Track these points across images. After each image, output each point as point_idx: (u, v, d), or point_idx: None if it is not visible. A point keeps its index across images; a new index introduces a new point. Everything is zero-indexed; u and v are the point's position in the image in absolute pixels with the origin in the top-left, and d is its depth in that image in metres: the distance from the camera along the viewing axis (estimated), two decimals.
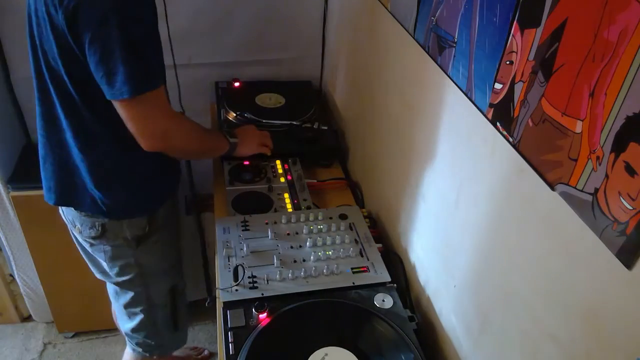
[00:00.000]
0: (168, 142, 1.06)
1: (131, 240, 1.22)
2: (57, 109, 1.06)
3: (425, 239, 1.09)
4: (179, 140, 1.09)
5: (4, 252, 1.90)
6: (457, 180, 0.92)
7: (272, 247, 1.17)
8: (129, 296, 1.32)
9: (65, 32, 0.92)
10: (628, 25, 0.50)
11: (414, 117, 1.10)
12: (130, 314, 1.36)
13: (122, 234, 1.21)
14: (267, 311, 0.99)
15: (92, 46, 0.92)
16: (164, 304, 1.36)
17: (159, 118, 1.02)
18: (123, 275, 1.28)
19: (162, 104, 1.02)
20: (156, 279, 1.32)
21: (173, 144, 1.07)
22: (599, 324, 0.59)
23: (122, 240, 1.22)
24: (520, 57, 0.69)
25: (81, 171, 1.13)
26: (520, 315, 0.74)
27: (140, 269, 1.27)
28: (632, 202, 0.52)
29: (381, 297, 1.05)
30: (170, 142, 1.06)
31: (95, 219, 1.18)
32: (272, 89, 1.81)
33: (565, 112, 0.61)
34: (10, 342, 2.04)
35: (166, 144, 1.06)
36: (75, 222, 1.22)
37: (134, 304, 1.33)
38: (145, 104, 0.99)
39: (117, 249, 1.23)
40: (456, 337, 0.97)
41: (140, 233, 1.22)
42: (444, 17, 0.91)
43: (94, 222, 1.19)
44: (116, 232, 1.20)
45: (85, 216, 1.19)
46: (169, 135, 1.04)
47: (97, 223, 1.19)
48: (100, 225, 1.19)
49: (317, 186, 1.47)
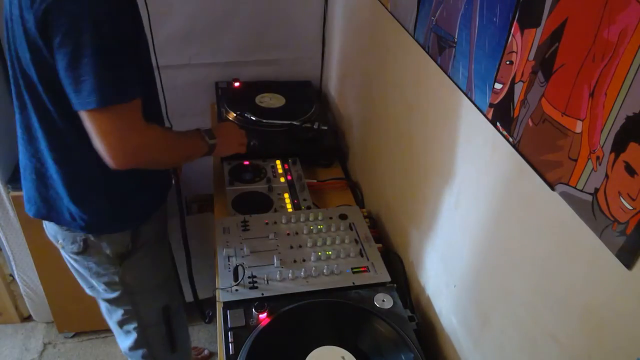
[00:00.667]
0: (138, 159, 0.96)
1: (113, 258, 1.16)
2: (33, 118, 1.01)
3: (425, 239, 1.09)
4: (151, 155, 1.00)
5: (4, 252, 1.90)
6: (457, 180, 0.92)
7: (272, 247, 1.17)
8: (120, 313, 1.28)
9: (37, 36, 0.87)
10: (628, 25, 0.50)
11: (413, 117, 1.10)
12: (125, 332, 1.32)
13: (103, 250, 1.15)
14: (267, 311, 0.99)
15: (60, 51, 0.86)
16: (156, 323, 1.32)
17: (128, 134, 0.92)
18: (110, 293, 1.23)
19: (134, 118, 0.93)
20: (145, 298, 1.27)
21: (144, 159, 0.99)
22: (599, 323, 0.59)
23: (104, 257, 1.16)
24: (520, 57, 0.69)
25: (57, 183, 1.07)
26: (520, 315, 0.74)
27: (127, 287, 1.22)
28: (632, 202, 0.52)
29: (381, 297, 1.05)
30: (141, 158, 0.97)
31: (76, 233, 1.13)
32: (272, 89, 1.81)
33: (565, 112, 0.61)
34: (10, 342, 2.04)
35: (136, 161, 0.96)
36: (58, 237, 1.17)
37: (126, 321, 1.29)
38: (113, 118, 0.90)
39: (101, 265, 1.18)
40: (456, 337, 0.97)
41: (123, 250, 1.16)
42: (444, 17, 0.91)
43: (75, 237, 1.13)
44: (97, 248, 1.15)
45: (67, 231, 1.13)
46: (139, 152, 0.95)
47: (78, 238, 1.13)
48: (82, 240, 1.13)
49: (317, 186, 1.47)
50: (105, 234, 1.14)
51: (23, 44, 0.91)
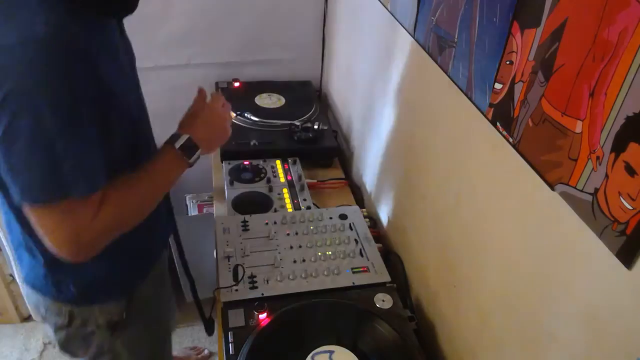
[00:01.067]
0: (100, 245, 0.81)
1: (104, 327, 1.02)
2: None
3: (425, 239, 1.09)
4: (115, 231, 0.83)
5: (4, 252, 1.90)
6: (457, 180, 0.92)
7: (272, 247, 1.17)
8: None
9: None
10: (628, 25, 0.50)
11: (413, 117, 1.10)
12: None
13: (93, 320, 1.00)
14: (267, 311, 0.99)
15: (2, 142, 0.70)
16: None
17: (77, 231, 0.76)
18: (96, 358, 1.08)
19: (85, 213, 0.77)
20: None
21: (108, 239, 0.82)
22: (598, 323, 0.59)
23: (93, 327, 1.02)
24: (520, 57, 0.69)
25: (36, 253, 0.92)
26: (520, 315, 0.74)
27: (116, 355, 1.08)
28: (632, 202, 0.52)
29: (381, 297, 1.05)
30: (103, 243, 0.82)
31: (61, 304, 0.97)
32: (272, 89, 1.81)
33: (565, 112, 0.61)
34: (10, 342, 2.04)
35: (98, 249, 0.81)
36: (40, 307, 1.01)
37: None
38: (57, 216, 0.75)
39: (88, 336, 1.03)
40: (456, 337, 0.97)
41: (116, 319, 1.02)
42: (444, 17, 0.91)
43: (60, 308, 0.98)
44: (86, 319, 1.00)
45: (51, 302, 0.98)
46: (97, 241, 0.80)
47: (64, 309, 0.98)
48: (67, 312, 0.98)
49: (317, 186, 1.47)
50: (97, 304, 1.00)
51: None
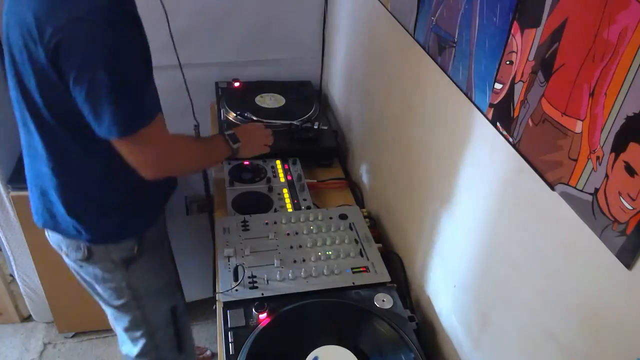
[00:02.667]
0: (168, 170, 1.06)
1: (120, 263, 1.17)
2: (37, 139, 1.02)
3: (425, 239, 1.09)
4: (179, 166, 1.09)
5: (4, 252, 1.90)
6: (457, 180, 0.92)
7: (272, 247, 1.17)
8: (127, 320, 1.28)
9: (47, 67, 0.88)
10: (628, 25, 0.50)
11: (413, 117, 1.10)
12: (132, 338, 1.32)
13: (108, 256, 1.16)
14: (267, 311, 0.99)
15: (77, 85, 0.88)
16: (165, 325, 1.32)
17: (155, 151, 0.99)
18: (117, 299, 1.24)
19: (157, 136, 0.99)
20: (152, 301, 1.27)
21: (173, 169, 1.09)
22: (599, 323, 0.59)
23: (110, 263, 1.17)
24: (520, 57, 0.69)
25: (59, 201, 1.08)
26: (520, 315, 0.74)
27: (134, 292, 1.23)
28: (632, 202, 0.52)
29: (381, 297, 1.05)
30: (170, 169, 1.07)
31: (79, 241, 1.14)
32: (272, 89, 1.81)
33: (565, 112, 0.61)
34: (10, 342, 2.04)
35: (166, 172, 1.06)
36: (61, 245, 1.18)
37: (133, 327, 1.29)
38: (137, 141, 0.95)
39: (107, 271, 1.19)
40: (456, 337, 0.97)
41: (129, 255, 1.18)
42: (444, 17, 0.91)
43: (78, 245, 1.14)
44: (102, 255, 1.16)
45: (70, 239, 1.14)
46: (167, 164, 1.04)
47: (82, 245, 1.14)
48: (86, 248, 1.14)
49: (317, 186, 1.47)
50: (110, 242, 1.15)
51: (28, 71, 0.91)
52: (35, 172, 1.10)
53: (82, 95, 0.89)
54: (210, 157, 1.21)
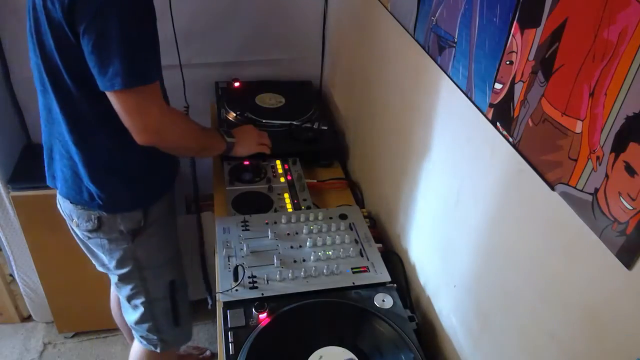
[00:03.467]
0: (161, 138, 1.05)
1: (127, 234, 1.23)
2: (54, 102, 1.07)
3: (425, 239, 1.09)
4: (173, 137, 1.09)
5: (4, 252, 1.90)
6: (457, 180, 0.92)
7: (272, 247, 1.17)
8: (129, 288, 1.33)
9: (63, 23, 0.93)
10: (628, 25, 0.50)
11: (413, 117, 1.10)
12: (133, 306, 1.38)
13: (117, 227, 1.22)
14: (267, 311, 0.99)
15: (86, 35, 0.92)
16: (162, 297, 1.37)
17: (152, 112, 1.01)
18: (121, 268, 1.29)
19: (156, 98, 1.02)
20: (154, 273, 1.33)
21: (166, 139, 1.07)
22: (598, 323, 0.59)
23: (118, 234, 1.23)
24: (520, 57, 0.69)
25: (77, 165, 1.14)
26: (520, 315, 0.74)
27: (137, 262, 1.28)
28: (632, 202, 0.52)
29: (381, 297, 1.05)
30: (164, 137, 1.06)
31: (91, 212, 1.20)
32: (272, 89, 1.81)
33: (565, 112, 0.61)
34: (10, 342, 2.04)
35: (159, 139, 1.05)
36: (72, 215, 1.23)
37: (134, 296, 1.35)
38: (137, 98, 0.99)
39: (114, 242, 1.25)
40: (456, 337, 0.97)
41: (136, 227, 1.23)
42: (444, 17, 0.91)
43: (90, 215, 1.20)
44: (111, 225, 1.22)
45: (82, 209, 1.20)
46: (162, 130, 1.04)
47: (93, 216, 1.20)
48: (97, 218, 1.20)
49: (317, 186, 1.47)
50: (120, 212, 1.20)
51: (47, 31, 0.97)
52: (54, 134, 1.14)
53: (90, 45, 0.93)
54: (205, 141, 1.23)
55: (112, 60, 0.93)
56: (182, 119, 1.14)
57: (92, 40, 0.92)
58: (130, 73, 0.95)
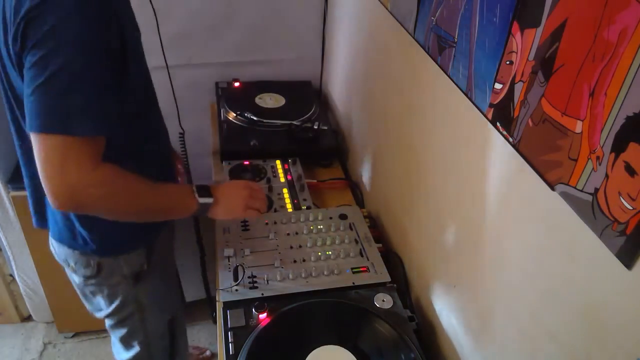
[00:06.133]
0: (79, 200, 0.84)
1: (129, 277, 1.13)
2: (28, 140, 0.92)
3: (425, 239, 1.09)
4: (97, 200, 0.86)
5: (4, 252, 1.90)
6: (457, 180, 0.92)
7: (272, 247, 1.17)
8: (125, 330, 1.24)
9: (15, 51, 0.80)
10: (628, 25, 0.50)
11: (413, 117, 1.10)
12: (127, 346, 1.29)
13: (120, 271, 1.11)
14: (267, 311, 0.99)
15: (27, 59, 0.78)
16: (161, 335, 1.30)
17: (69, 169, 0.81)
18: (120, 312, 1.19)
19: (81, 154, 0.81)
20: (154, 312, 1.24)
21: (88, 203, 0.85)
22: (599, 323, 0.59)
23: (120, 278, 1.12)
24: (520, 57, 0.69)
25: None
26: (520, 315, 0.74)
27: (139, 305, 1.19)
28: (632, 202, 0.52)
29: (381, 297, 1.05)
30: (83, 200, 0.84)
31: (89, 257, 1.07)
32: (272, 89, 1.81)
33: (565, 112, 0.61)
34: (10, 342, 2.04)
35: (77, 202, 0.84)
36: (69, 260, 1.11)
37: (131, 336, 1.26)
38: (52, 149, 0.80)
39: (115, 286, 1.14)
40: (456, 337, 0.97)
41: (139, 269, 1.13)
42: (444, 17, 0.91)
43: (89, 260, 1.08)
44: (113, 270, 1.11)
45: (80, 254, 1.07)
46: (79, 192, 0.83)
47: (92, 261, 1.08)
48: (96, 264, 1.08)
49: (317, 186, 1.47)
50: (122, 255, 1.10)
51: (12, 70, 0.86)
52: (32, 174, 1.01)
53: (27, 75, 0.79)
54: (157, 203, 0.98)
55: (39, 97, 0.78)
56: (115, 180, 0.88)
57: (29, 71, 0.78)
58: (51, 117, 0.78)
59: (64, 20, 0.76)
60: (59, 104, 0.79)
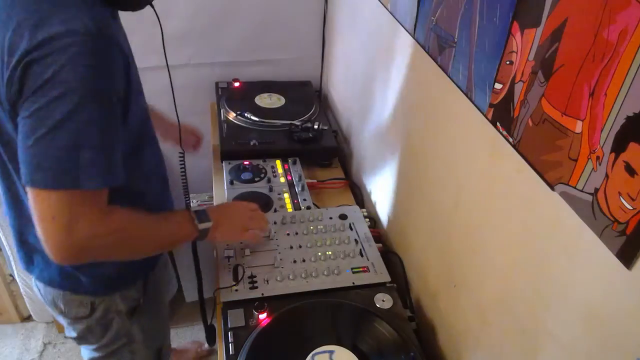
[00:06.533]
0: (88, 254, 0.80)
1: (125, 313, 1.08)
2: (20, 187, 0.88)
3: (425, 239, 1.09)
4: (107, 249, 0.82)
5: (3, 252, 1.90)
6: (457, 180, 0.92)
7: (272, 247, 1.17)
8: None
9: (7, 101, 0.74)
10: (628, 25, 0.50)
11: (413, 117, 1.10)
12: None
13: (115, 307, 1.06)
14: (267, 311, 0.99)
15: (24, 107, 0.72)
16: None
17: (76, 223, 0.75)
18: (109, 347, 1.14)
19: (91, 209, 0.76)
20: (146, 345, 1.20)
21: (97, 254, 0.82)
22: (598, 323, 0.59)
23: (114, 314, 1.07)
24: (520, 57, 0.69)
25: None
26: (520, 315, 0.74)
27: (129, 338, 1.15)
28: (632, 202, 0.52)
29: (381, 297, 1.05)
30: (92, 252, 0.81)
31: (82, 297, 1.01)
32: (272, 89, 1.81)
33: (565, 112, 0.61)
34: (10, 342, 2.04)
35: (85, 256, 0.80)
36: (58, 302, 1.02)
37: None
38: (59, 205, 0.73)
39: (106, 324, 1.08)
40: (456, 337, 0.97)
41: (135, 304, 1.09)
42: (444, 17, 0.91)
43: (81, 301, 1.01)
44: (108, 307, 1.05)
45: (71, 295, 1.01)
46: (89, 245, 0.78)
47: (85, 301, 1.01)
48: (90, 303, 1.02)
49: (317, 186, 1.47)
50: (118, 291, 1.05)
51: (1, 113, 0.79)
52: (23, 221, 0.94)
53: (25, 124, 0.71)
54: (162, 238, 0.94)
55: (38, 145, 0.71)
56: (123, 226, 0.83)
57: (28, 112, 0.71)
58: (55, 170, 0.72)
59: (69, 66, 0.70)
60: (66, 156, 0.72)
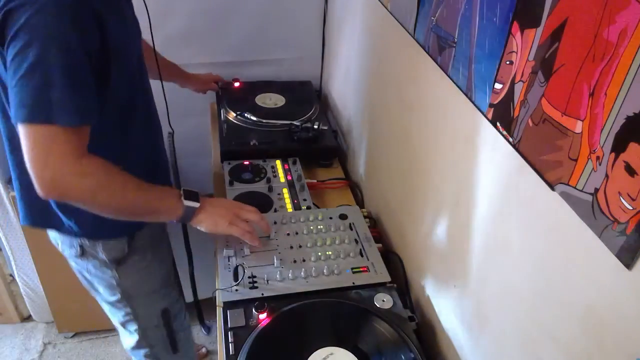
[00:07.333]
0: (63, 190, 0.86)
1: (109, 262, 1.16)
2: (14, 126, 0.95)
3: (425, 239, 1.09)
4: (80, 191, 0.88)
5: (4, 252, 1.90)
6: (457, 180, 0.92)
7: (272, 247, 1.17)
8: (121, 315, 1.29)
9: None
10: (628, 25, 0.50)
11: (413, 117, 1.10)
12: (128, 332, 1.34)
13: (99, 255, 1.15)
14: (267, 311, 0.99)
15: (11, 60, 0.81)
16: (156, 326, 1.32)
17: (53, 159, 0.83)
18: (110, 295, 1.24)
19: (63, 145, 0.84)
20: (143, 301, 1.27)
21: (71, 193, 0.88)
22: (598, 324, 0.59)
23: (100, 261, 1.17)
24: (520, 57, 0.69)
25: None
26: (520, 315, 0.74)
27: (123, 290, 1.22)
28: (632, 202, 0.52)
29: (381, 297, 1.05)
30: (66, 189, 0.87)
31: (72, 238, 1.13)
32: (272, 89, 1.81)
33: (565, 112, 0.61)
34: (10, 342, 2.04)
35: (61, 191, 0.86)
36: (57, 241, 1.18)
37: (127, 323, 1.30)
38: (37, 138, 0.82)
39: (98, 269, 1.19)
40: (456, 337, 0.97)
41: (119, 255, 1.16)
42: (444, 17, 0.91)
43: (72, 242, 1.14)
44: (93, 253, 1.15)
45: (65, 235, 1.13)
46: (63, 181, 0.85)
47: (75, 242, 1.13)
48: (79, 245, 1.13)
49: (317, 186, 1.47)
50: (101, 240, 1.14)
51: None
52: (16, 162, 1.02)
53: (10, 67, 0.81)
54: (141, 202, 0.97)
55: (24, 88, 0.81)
56: (99, 173, 0.89)
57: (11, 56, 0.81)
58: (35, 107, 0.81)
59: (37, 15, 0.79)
60: (39, 95, 0.81)
